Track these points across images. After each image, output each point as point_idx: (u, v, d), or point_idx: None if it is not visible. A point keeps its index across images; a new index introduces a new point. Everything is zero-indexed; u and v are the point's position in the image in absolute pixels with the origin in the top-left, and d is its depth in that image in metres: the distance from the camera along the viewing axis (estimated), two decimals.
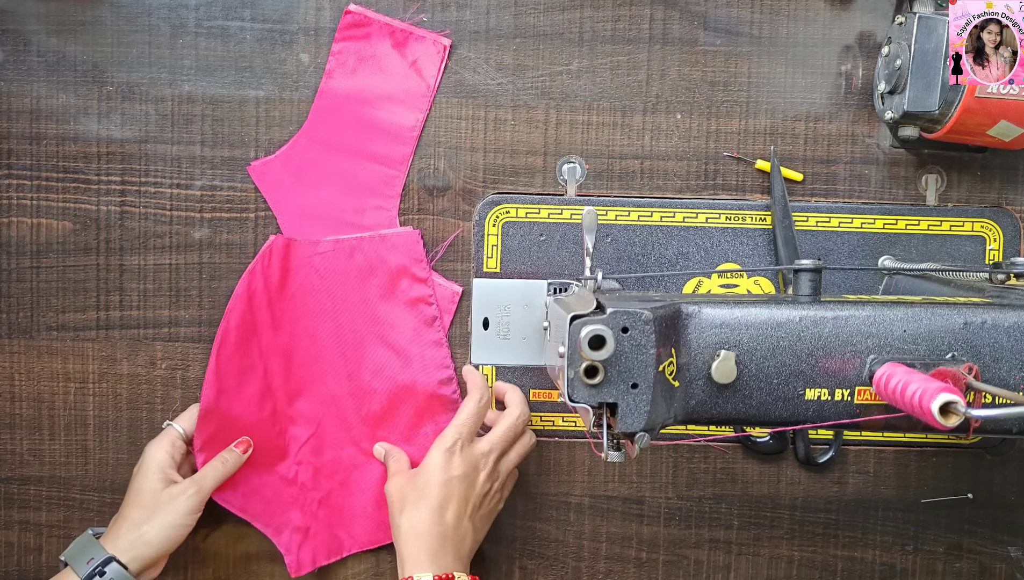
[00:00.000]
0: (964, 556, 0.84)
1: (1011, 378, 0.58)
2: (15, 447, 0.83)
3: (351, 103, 0.80)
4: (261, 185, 0.81)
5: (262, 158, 0.81)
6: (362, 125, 0.80)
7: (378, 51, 0.80)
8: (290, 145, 0.81)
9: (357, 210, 0.81)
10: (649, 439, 0.56)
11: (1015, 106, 0.71)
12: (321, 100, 0.81)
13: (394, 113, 0.80)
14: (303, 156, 0.81)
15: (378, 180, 0.81)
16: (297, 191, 0.81)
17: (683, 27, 0.81)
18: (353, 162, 0.81)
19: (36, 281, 0.82)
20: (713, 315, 0.59)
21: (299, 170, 0.81)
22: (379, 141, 0.81)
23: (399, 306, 0.81)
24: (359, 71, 0.80)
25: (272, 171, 0.81)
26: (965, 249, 0.82)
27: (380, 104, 0.80)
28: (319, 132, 0.81)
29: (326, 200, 0.81)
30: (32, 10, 0.80)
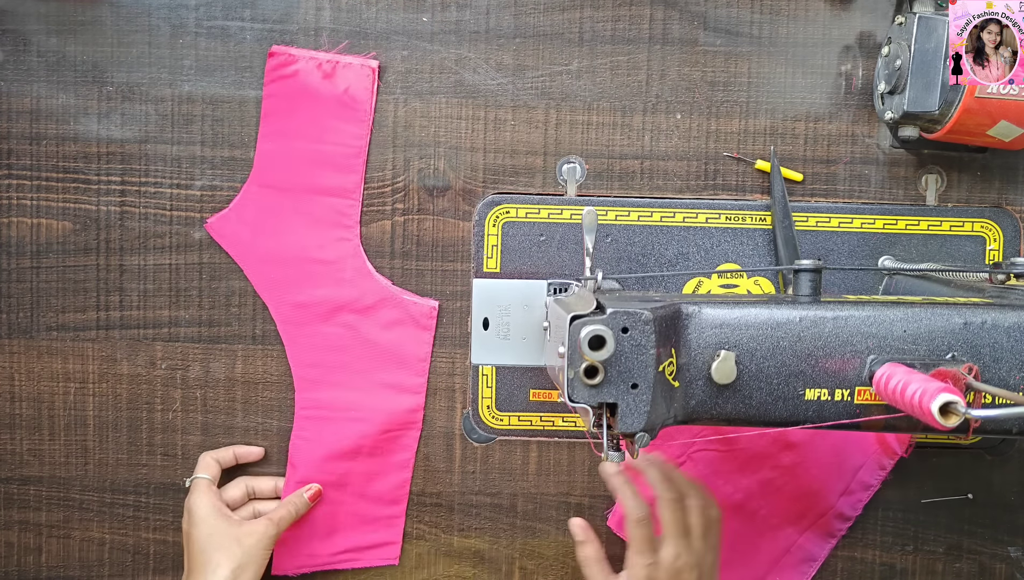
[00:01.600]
0: (964, 556, 0.84)
1: (1011, 378, 0.58)
2: (15, 447, 0.83)
3: (293, 141, 0.80)
4: (221, 241, 0.81)
5: (215, 214, 0.81)
6: (308, 161, 0.80)
7: (309, 86, 0.80)
8: (241, 195, 0.81)
9: (321, 246, 0.81)
10: (649, 439, 0.56)
11: (1015, 106, 0.71)
12: (263, 144, 0.81)
13: (337, 144, 0.80)
14: (256, 203, 0.81)
15: (334, 212, 0.81)
16: (258, 239, 0.81)
17: (683, 27, 0.81)
18: (307, 200, 0.81)
19: (36, 281, 0.82)
20: (713, 315, 0.59)
21: (255, 218, 0.81)
22: (328, 174, 0.81)
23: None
24: (295, 109, 0.80)
25: (228, 225, 0.81)
26: (965, 249, 0.82)
27: (321, 137, 0.80)
28: (267, 176, 0.81)
29: (288, 243, 0.81)
30: (32, 10, 0.80)
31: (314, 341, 0.81)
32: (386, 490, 0.83)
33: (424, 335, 0.82)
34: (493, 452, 0.84)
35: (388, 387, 0.82)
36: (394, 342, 0.82)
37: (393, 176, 0.82)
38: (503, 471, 0.84)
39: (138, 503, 0.84)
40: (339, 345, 0.81)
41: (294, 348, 0.82)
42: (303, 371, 0.82)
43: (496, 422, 0.83)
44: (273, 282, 0.81)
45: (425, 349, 0.82)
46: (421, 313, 0.81)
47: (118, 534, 0.84)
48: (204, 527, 0.76)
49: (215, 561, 0.74)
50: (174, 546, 0.84)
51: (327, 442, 0.81)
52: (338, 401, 0.82)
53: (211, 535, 0.75)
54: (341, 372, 0.82)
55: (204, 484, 0.78)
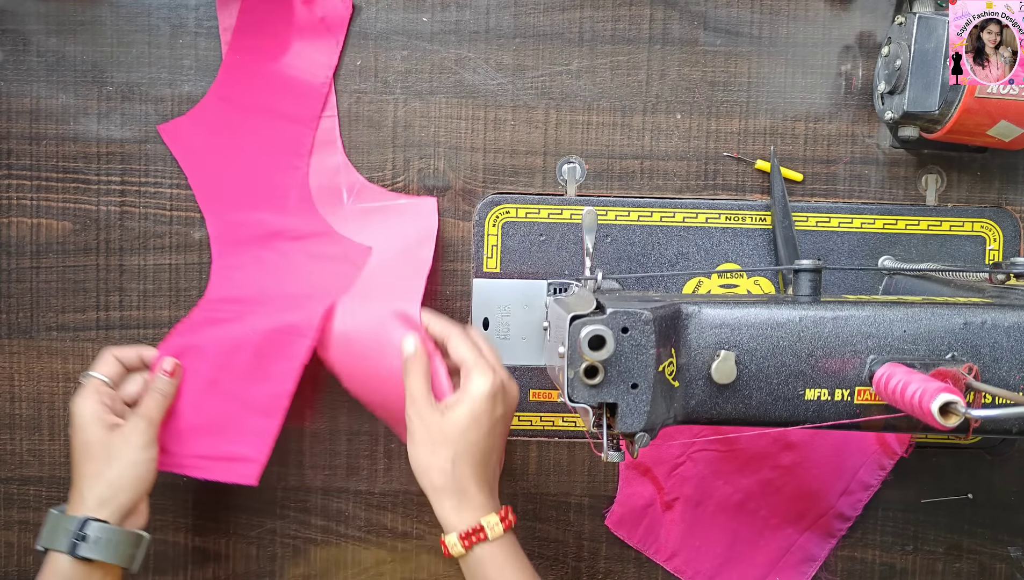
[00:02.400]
0: (964, 556, 0.84)
1: (1011, 378, 0.58)
2: (15, 447, 0.83)
3: (260, 60, 0.80)
4: (172, 145, 0.80)
5: (172, 119, 0.80)
6: (272, 83, 0.80)
7: (286, 6, 0.79)
8: (200, 104, 0.80)
9: (269, 168, 0.80)
10: (649, 439, 0.57)
11: (1015, 106, 0.71)
12: (231, 56, 0.80)
13: (302, 70, 0.80)
14: (213, 114, 0.80)
15: (289, 138, 0.80)
16: (208, 150, 0.80)
17: (683, 27, 0.81)
18: (264, 120, 0.80)
19: (36, 281, 0.82)
20: (713, 315, 0.59)
21: (209, 129, 0.80)
22: (289, 99, 0.80)
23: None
24: (267, 26, 0.79)
25: (182, 130, 0.80)
26: (965, 249, 0.82)
27: (289, 61, 0.79)
28: (228, 90, 0.80)
29: (238, 159, 0.80)
30: (32, 10, 0.80)
31: (242, 259, 0.80)
32: (261, 398, 0.76)
33: (355, 273, 0.79)
34: None
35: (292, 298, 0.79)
36: (322, 274, 0.80)
37: (393, 176, 0.82)
38: (503, 471, 0.83)
39: None
40: (267, 268, 0.80)
41: (220, 261, 0.81)
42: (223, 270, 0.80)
43: None
44: (215, 194, 0.80)
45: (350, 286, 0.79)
46: (356, 252, 0.80)
47: None
48: (81, 435, 0.71)
49: (90, 472, 0.70)
50: (174, 546, 0.83)
51: (213, 329, 0.78)
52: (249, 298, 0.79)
53: (87, 444, 0.71)
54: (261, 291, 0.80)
55: (92, 385, 0.73)
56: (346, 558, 0.84)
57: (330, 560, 0.84)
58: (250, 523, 0.83)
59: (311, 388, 0.83)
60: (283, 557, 0.84)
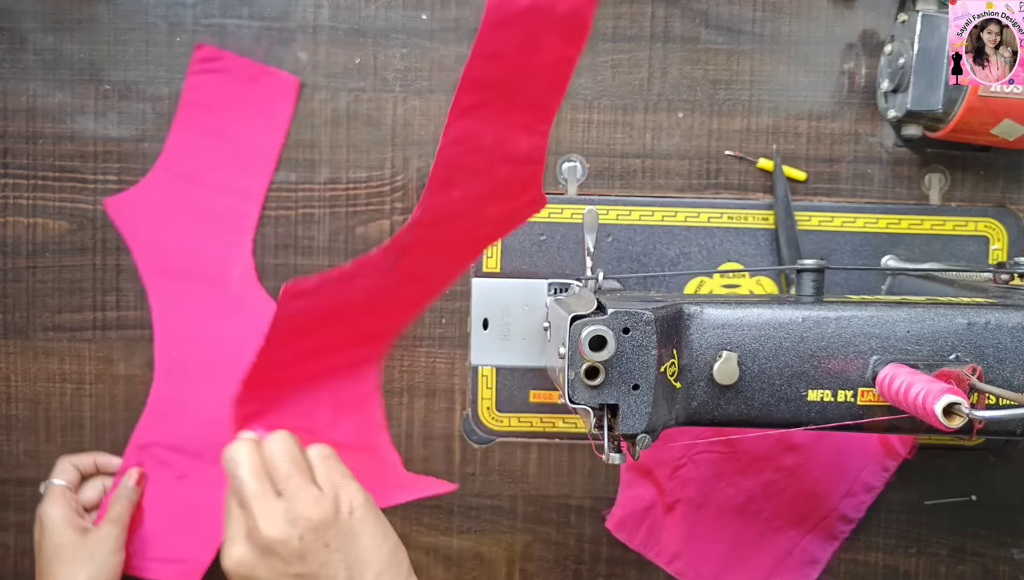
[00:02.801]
0: (968, 558, 0.84)
1: (1015, 379, 0.57)
2: (11, 449, 0.83)
3: (206, 136, 0.80)
4: (116, 219, 0.81)
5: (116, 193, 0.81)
6: (218, 158, 0.80)
7: (231, 86, 0.80)
8: (146, 179, 0.80)
9: (213, 245, 0.80)
10: (651, 440, 0.56)
11: (1019, 105, 0.70)
12: (176, 133, 0.80)
13: (249, 146, 0.80)
14: (159, 190, 0.80)
15: (234, 214, 0.80)
16: (152, 225, 0.80)
17: (684, 25, 0.81)
18: (209, 195, 0.80)
19: (32, 281, 0.82)
20: (715, 315, 0.59)
21: (154, 204, 0.80)
22: (235, 175, 0.80)
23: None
24: (214, 105, 0.80)
25: (127, 205, 0.80)
26: (969, 249, 0.81)
27: (235, 137, 0.80)
28: (175, 165, 0.80)
29: (182, 235, 0.80)
30: (28, 8, 0.80)
31: (182, 334, 0.80)
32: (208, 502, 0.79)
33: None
34: (493, 454, 0.83)
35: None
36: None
37: (392, 175, 0.81)
38: (503, 473, 0.83)
39: None
40: (206, 344, 0.80)
41: (163, 338, 0.81)
42: (166, 363, 0.81)
43: (496, 423, 0.83)
44: (158, 269, 0.80)
45: None
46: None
47: None
48: (53, 537, 0.73)
49: (64, 575, 0.72)
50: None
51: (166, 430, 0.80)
52: (189, 398, 0.80)
53: (59, 547, 0.73)
54: (203, 370, 0.80)
55: (58, 491, 0.76)
56: None
57: None
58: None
59: None
60: None
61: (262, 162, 0.80)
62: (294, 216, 0.82)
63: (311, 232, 0.82)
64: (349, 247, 0.82)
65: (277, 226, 0.82)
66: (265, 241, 0.82)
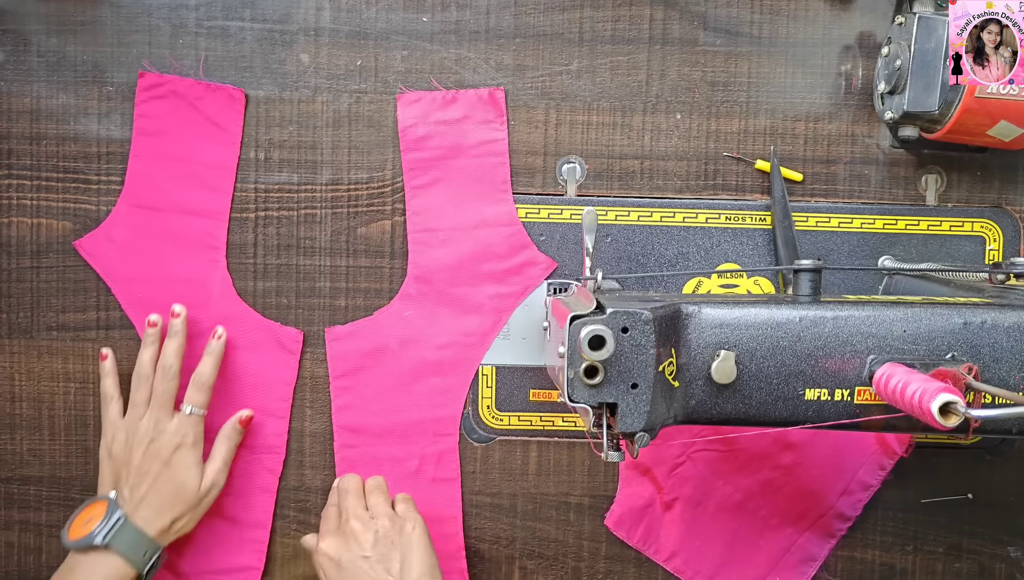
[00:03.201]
0: (964, 556, 0.84)
1: (1011, 378, 0.58)
2: (15, 447, 0.83)
3: (164, 162, 0.81)
4: (90, 259, 0.81)
5: (87, 234, 0.81)
6: (178, 182, 0.81)
7: (179, 109, 0.80)
8: (112, 215, 0.81)
9: (189, 267, 0.81)
10: (649, 439, 0.56)
11: (1015, 106, 0.71)
12: (134, 164, 0.81)
13: (206, 166, 0.81)
14: (126, 223, 0.81)
15: (204, 234, 0.81)
16: (126, 259, 0.81)
17: (683, 27, 0.81)
18: (176, 220, 0.81)
19: (36, 281, 0.82)
20: (713, 315, 0.59)
21: (124, 238, 0.81)
22: (198, 195, 0.81)
23: None
24: (166, 130, 0.80)
25: (98, 244, 0.81)
26: (965, 249, 0.82)
27: (191, 158, 0.81)
28: (137, 196, 0.81)
29: (156, 263, 0.81)
30: (32, 10, 0.80)
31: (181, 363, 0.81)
32: (250, 513, 0.83)
33: (290, 359, 0.82)
34: (493, 452, 0.84)
35: (252, 410, 0.82)
36: (259, 365, 0.82)
37: (393, 176, 0.82)
38: (503, 471, 0.84)
39: None
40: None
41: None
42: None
43: (496, 422, 0.83)
44: (139, 301, 0.81)
45: (291, 373, 0.82)
46: (287, 337, 0.82)
47: None
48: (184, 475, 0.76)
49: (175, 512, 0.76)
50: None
51: None
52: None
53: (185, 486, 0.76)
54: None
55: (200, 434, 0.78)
56: None
57: None
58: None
59: (310, 388, 0.83)
60: (283, 557, 0.84)
61: (222, 178, 0.81)
62: (296, 216, 0.82)
63: (312, 232, 0.82)
64: (350, 247, 0.82)
65: (279, 226, 0.82)
66: (267, 241, 0.82)
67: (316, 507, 0.83)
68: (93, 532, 0.72)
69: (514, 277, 0.81)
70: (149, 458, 0.75)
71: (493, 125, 0.80)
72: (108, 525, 0.73)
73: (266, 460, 0.82)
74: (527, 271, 0.81)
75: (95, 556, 0.72)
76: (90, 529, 0.73)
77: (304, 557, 0.83)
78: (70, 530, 0.74)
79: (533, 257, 0.80)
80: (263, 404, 0.82)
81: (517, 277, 0.81)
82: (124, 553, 0.72)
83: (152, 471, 0.75)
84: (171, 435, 0.76)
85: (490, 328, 0.81)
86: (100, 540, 0.72)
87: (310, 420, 0.83)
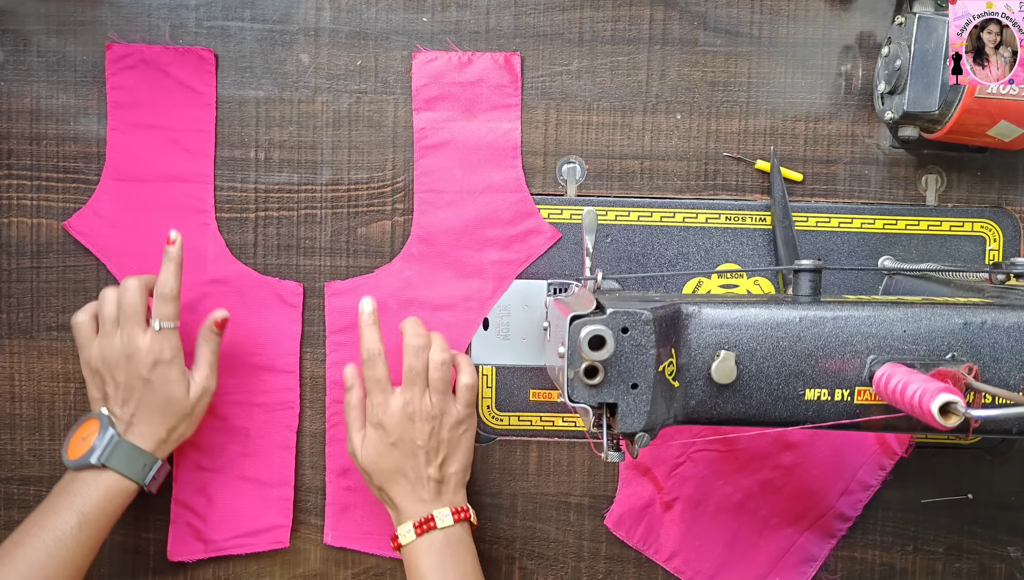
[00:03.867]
0: (964, 556, 0.84)
1: (1011, 378, 0.58)
2: (15, 447, 0.83)
3: (142, 131, 0.81)
4: (82, 238, 0.81)
5: (75, 213, 0.81)
6: (159, 149, 0.81)
7: (150, 76, 0.80)
8: (97, 191, 0.81)
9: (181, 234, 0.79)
10: (649, 439, 0.57)
11: (1015, 106, 0.71)
12: (113, 137, 0.81)
13: (185, 130, 0.81)
14: (112, 198, 0.81)
15: (191, 198, 0.81)
16: (116, 233, 0.81)
17: (683, 27, 0.81)
18: (162, 188, 0.81)
19: (36, 281, 0.82)
20: (713, 315, 0.59)
21: (112, 213, 0.81)
22: (180, 160, 0.81)
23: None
24: (138, 99, 0.80)
25: (87, 222, 0.81)
26: (965, 249, 0.82)
27: (169, 124, 0.81)
28: (120, 169, 0.81)
29: (148, 234, 0.81)
30: (32, 10, 0.80)
31: (183, 330, 0.80)
32: (274, 473, 0.83)
33: (293, 313, 0.82)
34: (493, 452, 0.84)
35: (261, 369, 0.82)
36: (262, 322, 0.82)
37: (393, 176, 0.82)
38: (503, 471, 0.84)
39: (137, 503, 0.83)
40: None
41: None
42: None
43: (496, 422, 0.83)
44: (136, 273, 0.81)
45: (295, 327, 0.82)
46: (288, 291, 0.82)
47: (118, 534, 0.84)
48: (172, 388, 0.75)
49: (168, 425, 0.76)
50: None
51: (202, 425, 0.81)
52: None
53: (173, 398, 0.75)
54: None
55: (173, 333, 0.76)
56: (346, 558, 0.84)
57: (330, 560, 0.84)
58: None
59: (310, 388, 0.83)
60: (283, 557, 0.84)
61: (202, 141, 0.81)
62: (296, 217, 0.82)
63: (313, 233, 0.82)
64: (350, 248, 0.82)
65: (279, 226, 0.82)
66: (267, 241, 0.82)
67: (316, 507, 0.83)
68: (88, 452, 0.73)
69: (518, 244, 0.81)
70: (131, 376, 0.74)
71: (507, 90, 0.80)
72: (102, 444, 0.73)
73: (282, 417, 0.83)
74: (531, 239, 0.81)
75: (93, 473, 0.73)
76: (87, 447, 0.73)
77: (304, 557, 0.83)
78: (68, 449, 0.74)
79: (538, 225, 0.80)
80: (271, 361, 0.82)
81: (521, 245, 0.81)
82: (121, 470, 0.73)
83: (137, 387, 0.74)
84: (145, 353, 0.74)
85: (490, 294, 0.81)
86: (96, 459, 0.73)
87: (310, 420, 0.83)
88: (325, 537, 0.83)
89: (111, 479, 0.73)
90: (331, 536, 0.83)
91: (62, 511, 0.71)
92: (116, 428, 0.74)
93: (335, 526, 0.83)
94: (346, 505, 0.83)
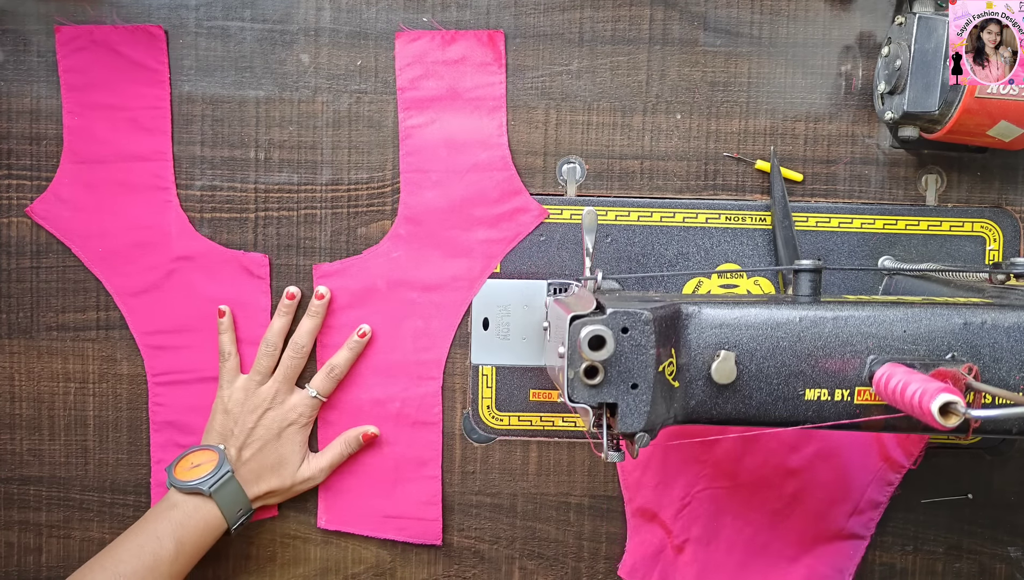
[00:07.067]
0: (964, 556, 0.84)
1: (1011, 378, 0.58)
2: (15, 447, 0.83)
3: (98, 112, 0.80)
4: (45, 224, 0.81)
5: (37, 198, 0.81)
6: (116, 129, 0.81)
7: (102, 57, 0.80)
8: (57, 176, 0.81)
9: (143, 212, 0.81)
10: (649, 439, 0.56)
11: (1015, 106, 0.71)
12: (69, 120, 0.81)
13: (140, 108, 0.81)
14: (73, 181, 0.81)
15: (151, 176, 0.81)
16: (79, 216, 0.81)
17: (683, 27, 0.81)
18: (122, 168, 0.81)
19: (36, 281, 0.82)
20: (713, 315, 0.59)
21: (73, 196, 0.81)
22: (138, 139, 0.81)
23: None
24: (92, 81, 0.80)
25: (49, 206, 0.81)
26: (965, 249, 0.82)
27: (124, 104, 0.80)
28: (79, 152, 0.81)
29: (110, 214, 0.81)
30: (32, 10, 0.80)
31: (153, 308, 0.81)
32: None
33: (261, 285, 0.82)
34: (493, 452, 0.84)
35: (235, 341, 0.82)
36: (231, 296, 0.82)
37: (393, 176, 0.82)
38: (503, 471, 0.84)
39: (138, 503, 0.84)
40: (179, 308, 0.81)
41: (134, 318, 0.82)
42: (147, 339, 0.82)
43: (496, 422, 0.83)
44: (102, 256, 0.81)
45: (265, 298, 0.82)
46: (253, 262, 0.82)
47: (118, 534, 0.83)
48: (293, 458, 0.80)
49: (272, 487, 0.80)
50: None
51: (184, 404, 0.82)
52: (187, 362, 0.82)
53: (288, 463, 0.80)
54: (186, 334, 0.82)
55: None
56: (346, 558, 0.84)
57: (330, 560, 0.84)
58: (249, 523, 0.83)
59: None
60: (283, 557, 0.84)
61: (158, 119, 0.81)
62: (296, 217, 0.82)
63: (313, 232, 0.82)
64: (350, 247, 0.82)
65: (279, 226, 0.82)
66: (267, 241, 0.82)
67: (311, 503, 0.83)
68: (203, 478, 0.75)
69: (505, 223, 0.81)
70: (263, 425, 0.78)
71: (491, 68, 0.80)
72: (216, 476, 0.76)
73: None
74: (518, 218, 0.81)
75: (197, 500, 0.75)
76: (199, 474, 0.76)
77: (304, 556, 0.83)
78: (176, 470, 0.77)
79: (525, 204, 0.80)
80: (244, 334, 0.82)
81: (508, 223, 0.81)
82: (224, 505, 0.76)
83: (263, 438, 0.78)
84: (288, 410, 0.79)
85: (479, 273, 0.81)
86: (207, 488, 0.75)
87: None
88: (319, 521, 0.83)
89: (211, 513, 0.75)
90: (325, 520, 0.83)
91: (163, 537, 0.73)
92: (230, 466, 0.77)
93: (328, 509, 0.83)
94: (339, 489, 0.83)
